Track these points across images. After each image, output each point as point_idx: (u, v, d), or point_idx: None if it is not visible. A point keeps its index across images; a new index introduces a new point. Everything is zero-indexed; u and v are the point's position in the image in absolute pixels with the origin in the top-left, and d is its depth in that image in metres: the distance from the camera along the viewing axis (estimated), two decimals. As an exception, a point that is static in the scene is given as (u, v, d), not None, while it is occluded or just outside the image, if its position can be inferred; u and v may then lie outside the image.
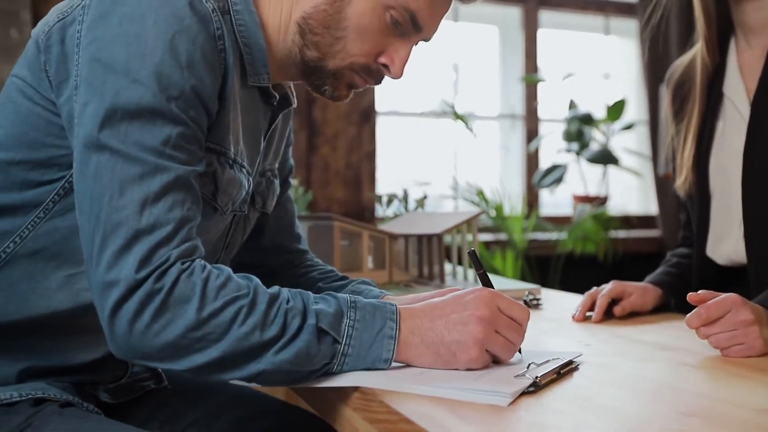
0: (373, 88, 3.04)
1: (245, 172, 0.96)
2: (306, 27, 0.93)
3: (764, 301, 0.98)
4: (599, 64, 3.61)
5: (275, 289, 0.82)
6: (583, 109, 3.21)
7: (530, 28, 3.38)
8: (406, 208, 1.71)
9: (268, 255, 1.17)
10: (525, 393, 0.76)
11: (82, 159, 0.80)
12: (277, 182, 1.13)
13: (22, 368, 0.89)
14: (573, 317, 1.21)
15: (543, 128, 3.39)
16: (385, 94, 3.15)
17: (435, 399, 0.75)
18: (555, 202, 3.54)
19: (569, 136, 3.18)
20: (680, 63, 1.42)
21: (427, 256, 1.52)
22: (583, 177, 3.22)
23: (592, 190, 3.27)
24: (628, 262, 3.16)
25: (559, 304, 1.38)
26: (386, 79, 0.98)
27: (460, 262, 1.55)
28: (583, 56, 3.62)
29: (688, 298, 0.97)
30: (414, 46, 0.97)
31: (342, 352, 0.81)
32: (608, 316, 1.23)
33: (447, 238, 1.58)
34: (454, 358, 0.82)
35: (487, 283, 0.92)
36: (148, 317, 0.76)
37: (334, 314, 0.81)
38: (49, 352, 0.90)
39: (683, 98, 1.38)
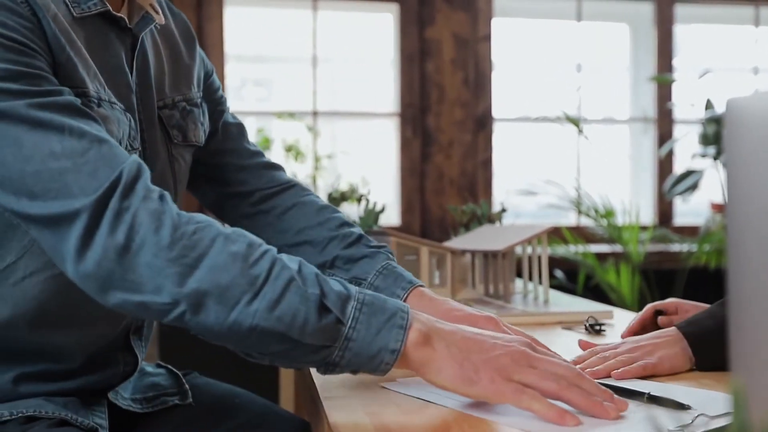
0: (490, 95, 2.95)
1: (119, 108, 0.91)
2: None
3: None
4: (747, 59, 3.29)
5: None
6: (723, 109, 2.94)
7: (664, 25, 3.14)
8: (488, 220, 1.63)
9: (238, 183, 1.11)
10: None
11: None
12: (198, 112, 1.07)
13: (17, 374, 0.90)
14: (621, 336, 1.10)
15: (677, 131, 3.14)
16: (504, 99, 3.05)
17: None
18: (695, 211, 3.26)
19: (705, 140, 2.92)
20: None
21: (492, 273, 1.43)
22: (723, 184, 2.95)
23: (734, 198, 2.98)
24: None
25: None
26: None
27: (531, 278, 1.45)
28: (727, 51, 3.32)
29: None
30: None
31: (347, 335, 0.73)
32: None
33: (519, 252, 1.49)
34: (477, 375, 0.72)
35: None
36: (122, 237, 0.72)
37: (339, 292, 0.74)
38: (33, 355, 0.90)
39: None
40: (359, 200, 1.73)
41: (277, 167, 1.15)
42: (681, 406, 0.73)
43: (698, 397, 0.77)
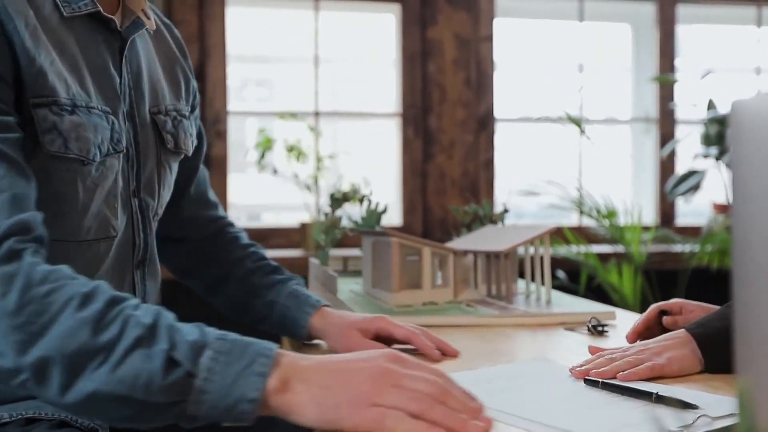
0: (491, 95, 2.95)
1: (99, 112, 0.91)
2: None
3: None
4: (750, 59, 3.29)
5: (123, 294, 0.74)
6: (725, 109, 2.94)
7: (666, 25, 3.14)
8: (490, 220, 1.63)
9: (190, 226, 1.22)
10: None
11: None
12: (187, 123, 1.11)
13: None
14: (626, 337, 1.10)
15: (679, 132, 3.14)
16: (506, 99, 3.05)
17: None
18: (697, 211, 3.26)
19: (707, 140, 2.92)
20: None
21: (494, 274, 1.43)
22: (726, 184, 2.94)
23: (737, 199, 2.97)
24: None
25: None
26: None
27: (533, 279, 1.45)
28: (730, 51, 3.32)
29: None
30: None
31: (200, 388, 0.68)
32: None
33: (521, 253, 1.48)
34: (337, 411, 0.68)
35: None
36: None
37: (193, 342, 0.69)
38: None
39: None
40: (361, 201, 1.73)
41: (223, 217, 1.27)
42: (689, 407, 0.73)
43: (705, 399, 0.76)
